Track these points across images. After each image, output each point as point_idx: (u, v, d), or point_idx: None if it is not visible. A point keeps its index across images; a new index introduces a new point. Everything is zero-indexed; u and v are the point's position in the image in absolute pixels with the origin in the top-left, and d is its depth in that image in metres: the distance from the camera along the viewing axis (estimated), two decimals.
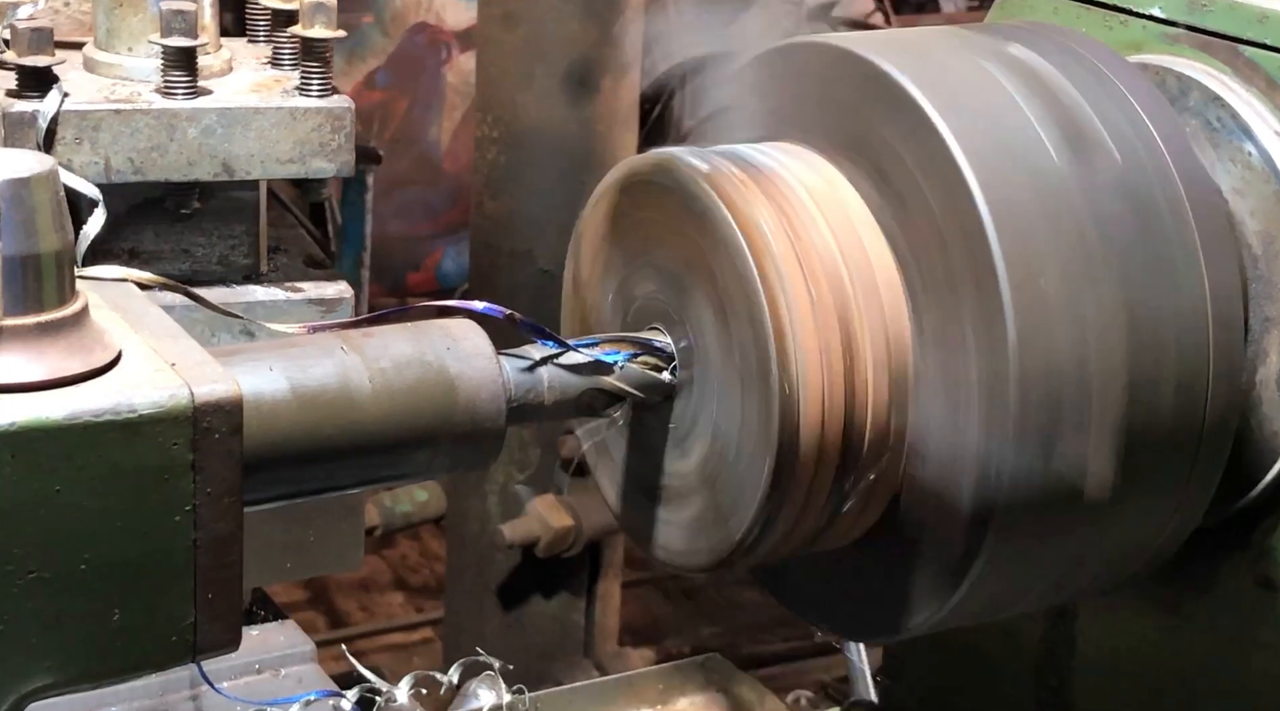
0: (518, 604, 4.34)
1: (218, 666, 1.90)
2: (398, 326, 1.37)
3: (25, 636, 1.19)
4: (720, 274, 1.45)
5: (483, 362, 1.36)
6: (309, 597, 6.04)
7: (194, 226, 1.83)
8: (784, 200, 1.47)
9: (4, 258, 1.17)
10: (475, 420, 1.35)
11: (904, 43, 1.58)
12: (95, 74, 1.81)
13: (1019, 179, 1.43)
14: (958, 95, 1.48)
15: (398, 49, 8.01)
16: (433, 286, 7.38)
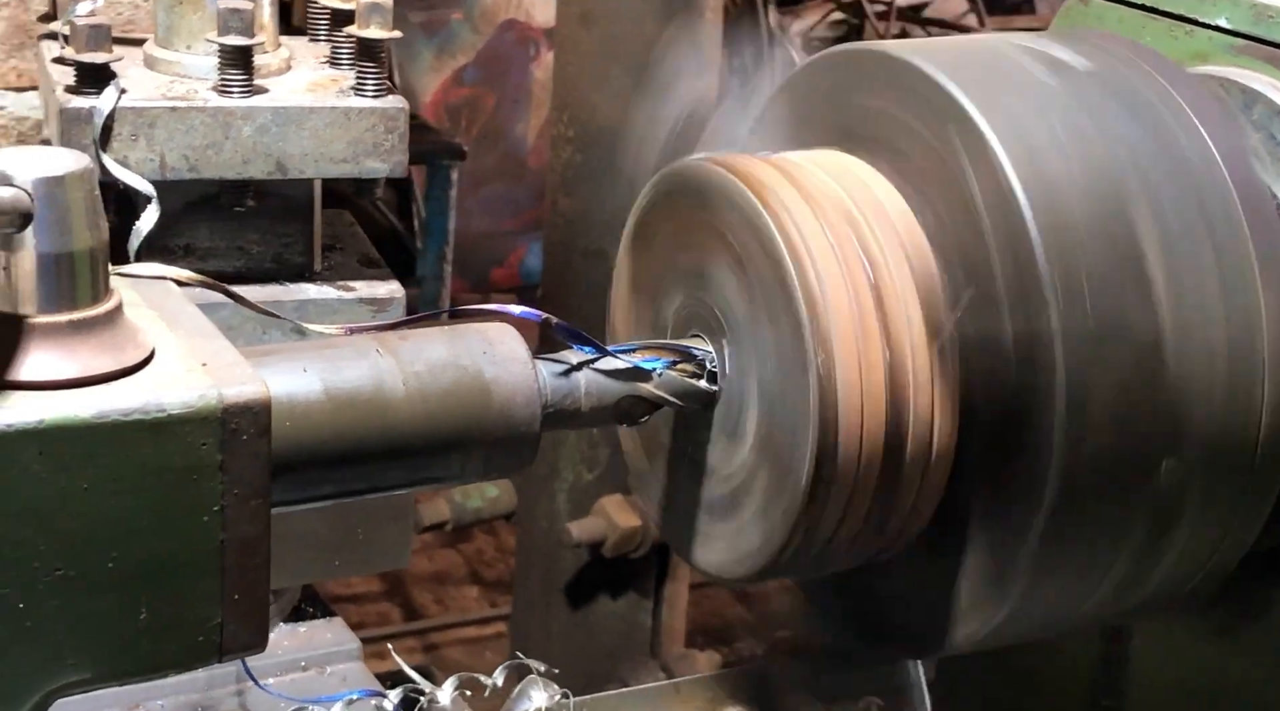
0: (584, 603, 4.34)
1: (264, 662, 1.91)
2: (434, 330, 1.37)
3: (51, 633, 1.20)
4: (753, 271, 1.44)
5: (518, 367, 1.35)
6: (385, 589, 6.09)
7: (248, 224, 1.84)
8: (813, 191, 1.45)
9: (38, 255, 1.18)
10: (510, 425, 1.35)
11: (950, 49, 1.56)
12: (154, 71, 1.82)
13: (1066, 192, 1.40)
14: (1005, 103, 1.45)
15: (487, 45, 8.04)
16: (515, 282, 7.40)
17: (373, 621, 5.91)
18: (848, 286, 1.41)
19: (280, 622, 2.00)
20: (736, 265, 1.47)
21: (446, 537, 5.96)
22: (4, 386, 1.17)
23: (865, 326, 1.41)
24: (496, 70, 7.83)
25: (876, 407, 1.42)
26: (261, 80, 1.79)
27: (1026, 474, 1.41)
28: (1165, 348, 1.41)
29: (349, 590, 5.96)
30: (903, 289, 1.44)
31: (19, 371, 1.18)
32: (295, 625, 1.99)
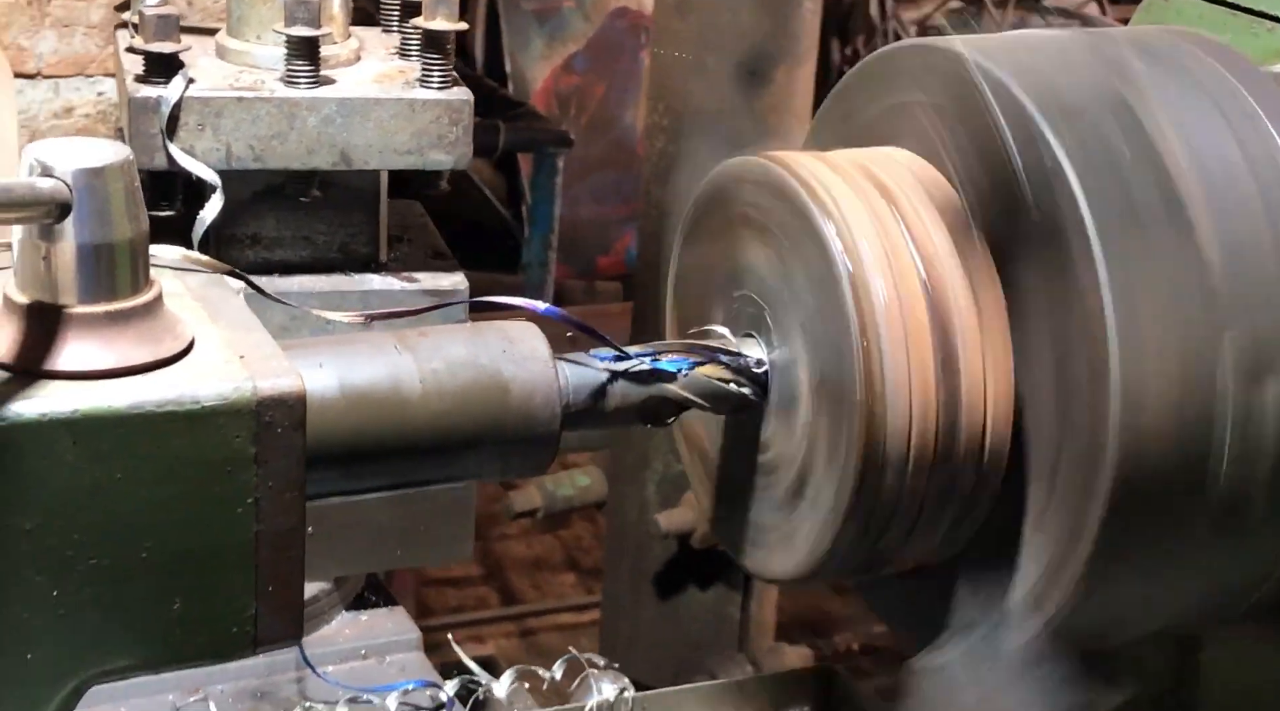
0: (673, 593, 4.33)
1: (324, 650, 1.93)
2: (455, 327, 1.36)
3: (86, 621, 1.21)
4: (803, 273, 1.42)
5: (538, 366, 1.34)
6: (484, 574, 6.12)
7: (315, 214, 1.85)
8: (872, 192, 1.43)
9: (77, 246, 1.19)
10: (528, 424, 1.33)
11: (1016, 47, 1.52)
12: (225, 61, 1.83)
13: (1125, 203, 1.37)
14: (1068, 104, 1.42)
15: (597, 33, 8.04)
16: (621, 270, 7.40)
17: (471, 605, 5.95)
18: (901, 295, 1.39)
19: (342, 610, 2.01)
20: (775, 251, 1.45)
21: (545, 524, 5.98)
22: (41, 376, 1.18)
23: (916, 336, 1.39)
24: (606, 58, 7.82)
25: (927, 397, 1.39)
26: (329, 71, 1.80)
27: (1082, 470, 1.38)
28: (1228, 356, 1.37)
29: (448, 573, 6.00)
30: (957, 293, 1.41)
31: (56, 361, 1.19)
32: (357, 613, 2.00)
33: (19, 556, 1.17)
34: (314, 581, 1.96)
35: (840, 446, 1.41)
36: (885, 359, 1.38)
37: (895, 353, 1.38)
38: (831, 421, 1.42)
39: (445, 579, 5.95)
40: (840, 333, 1.40)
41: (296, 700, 1.83)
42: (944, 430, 1.40)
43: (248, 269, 1.84)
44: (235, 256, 1.84)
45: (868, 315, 1.38)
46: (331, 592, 1.98)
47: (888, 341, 1.38)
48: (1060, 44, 1.53)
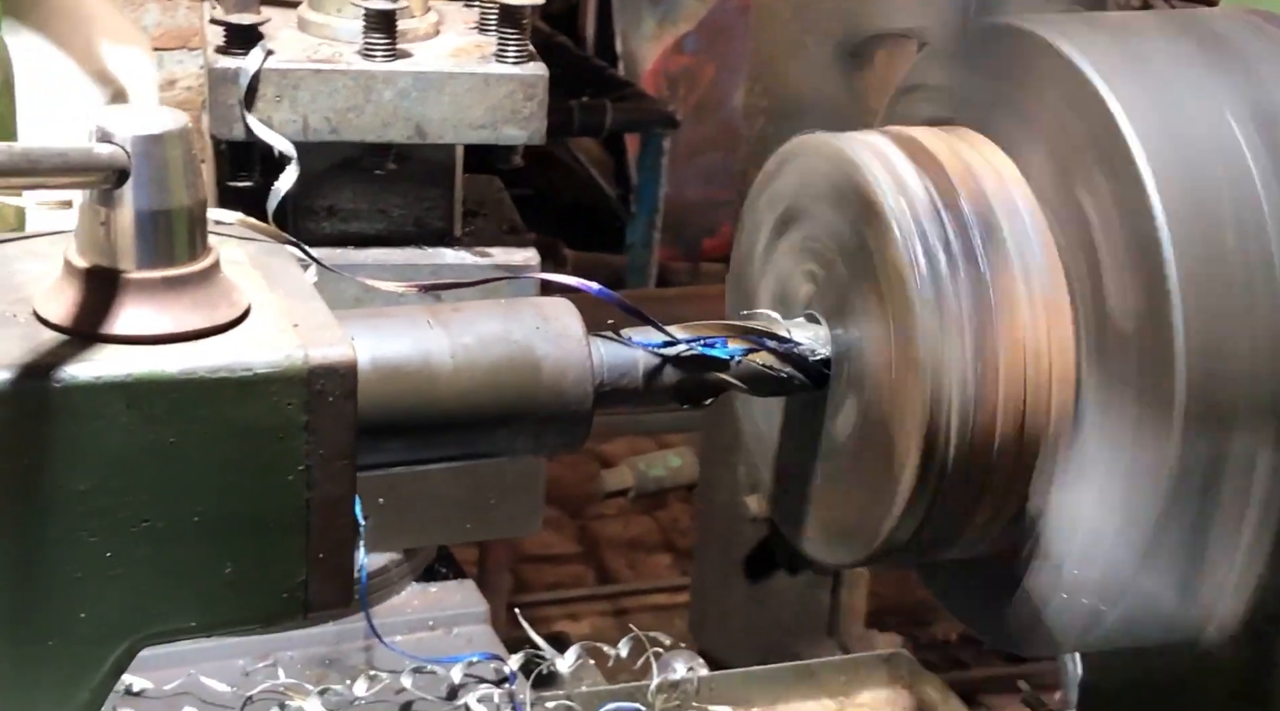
0: (763, 577, 4.32)
1: (392, 620, 1.95)
2: (490, 302, 1.35)
3: (138, 583, 1.22)
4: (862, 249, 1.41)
5: (571, 344, 1.33)
6: (581, 552, 6.15)
7: (390, 187, 1.86)
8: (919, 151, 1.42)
9: (135, 212, 1.20)
10: (560, 402, 1.33)
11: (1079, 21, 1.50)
12: (305, 33, 1.85)
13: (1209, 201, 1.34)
14: (1152, 95, 1.39)
15: (709, 14, 8.01)
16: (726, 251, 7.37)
17: (568, 582, 5.97)
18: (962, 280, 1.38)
19: (412, 581, 2.03)
20: (837, 225, 1.44)
21: (642, 504, 5.99)
22: (97, 339, 1.20)
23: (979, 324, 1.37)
24: (717, 39, 7.79)
25: (988, 381, 1.38)
26: (407, 44, 1.81)
27: (1141, 460, 1.36)
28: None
29: (546, 550, 6.03)
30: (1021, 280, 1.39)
31: (113, 325, 1.20)
32: (427, 585, 2.02)
33: (73, 517, 1.19)
34: (384, 552, 1.97)
35: (900, 430, 1.40)
36: (946, 340, 1.36)
37: (956, 333, 1.36)
38: (891, 405, 1.41)
39: (543, 556, 5.98)
40: (900, 312, 1.38)
41: (363, 668, 1.84)
42: (1006, 414, 1.39)
43: (324, 240, 1.87)
44: (312, 227, 1.86)
45: (928, 294, 1.36)
46: (402, 563, 1.99)
47: (950, 321, 1.36)
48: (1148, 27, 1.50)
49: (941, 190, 1.42)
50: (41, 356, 1.17)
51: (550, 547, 6.13)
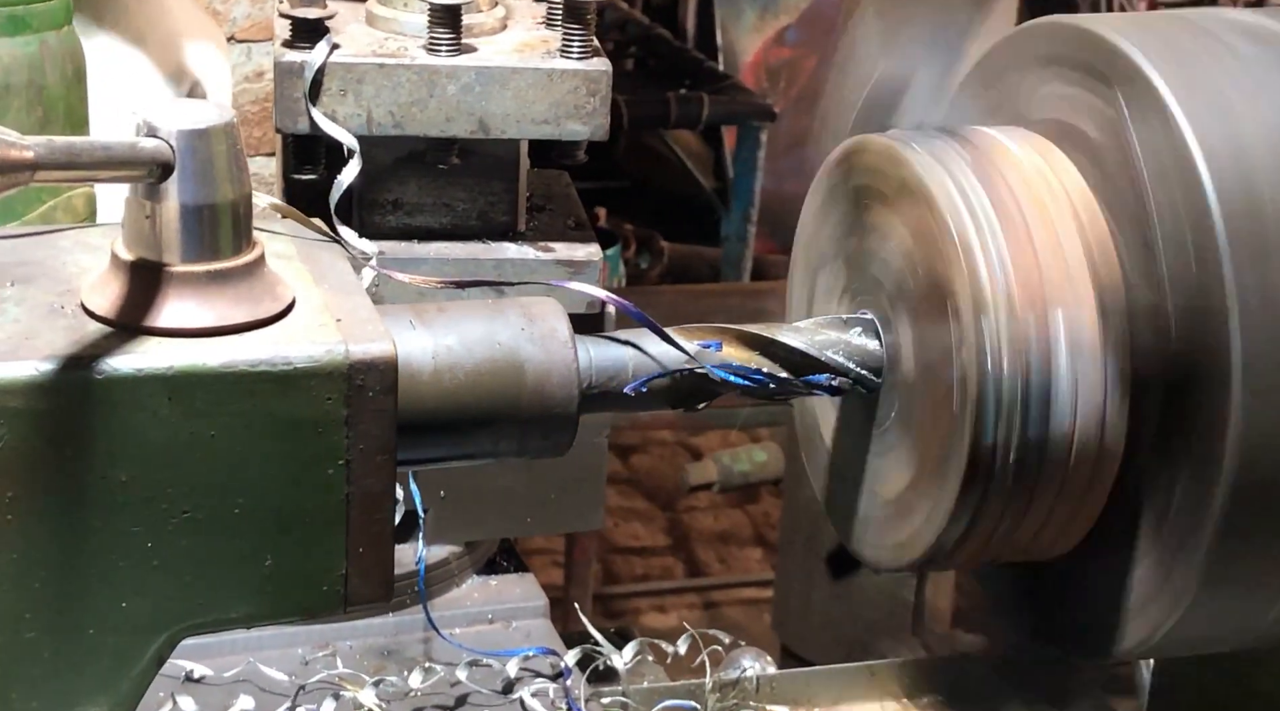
0: (847, 573, 4.29)
1: (452, 612, 1.95)
2: (477, 303, 1.34)
3: (179, 573, 1.24)
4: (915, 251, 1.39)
5: (556, 346, 1.32)
6: (670, 544, 6.15)
7: (455, 181, 1.86)
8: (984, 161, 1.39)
9: (180, 206, 1.21)
10: (544, 405, 1.31)
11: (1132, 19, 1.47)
12: (373, 27, 1.85)
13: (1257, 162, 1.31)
14: (1189, 70, 1.36)
15: (810, 6, 7.97)
16: None
17: (657, 574, 5.98)
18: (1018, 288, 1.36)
19: (473, 574, 2.03)
20: (907, 251, 1.42)
21: (733, 498, 5.98)
22: (140, 332, 1.21)
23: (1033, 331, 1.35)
24: (818, 31, 7.75)
25: (1037, 416, 1.36)
26: (473, 39, 1.81)
27: (1198, 472, 1.33)
28: None
29: (636, 542, 6.04)
30: (1073, 265, 1.37)
31: (156, 318, 1.22)
32: (487, 578, 2.02)
33: (115, 507, 1.20)
34: (444, 544, 1.98)
35: (950, 436, 1.38)
36: (1001, 343, 1.34)
37: (1007, 338, 1.35)
38: (942, 408, 1.39)
39: (632, 548, 5.99)
40: (950, 315, 1.37)
41: (420, 660, 1.85)
42: (1056, 420, 1.37)
43: (389, 233, 1.88)
44: (377, 221, 1.87)
45: (979, 296, 1.35)
46: (463, 556, 2.00)
47: (1001, 325, 1.34)
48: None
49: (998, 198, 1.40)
50: (85, 348, 1.19)
51: (640, 539, 6.14)
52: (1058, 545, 1.45)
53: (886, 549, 1.50)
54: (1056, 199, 1.39)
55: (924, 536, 1.44)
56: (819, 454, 1.59)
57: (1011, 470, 1.37)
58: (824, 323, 1.47)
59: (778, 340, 1.41)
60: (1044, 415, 1.36)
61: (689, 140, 7.47)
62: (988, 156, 1.41)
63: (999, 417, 1.35)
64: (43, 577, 1.20)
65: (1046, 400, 1.36)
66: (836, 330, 1.46)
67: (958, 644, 4.51)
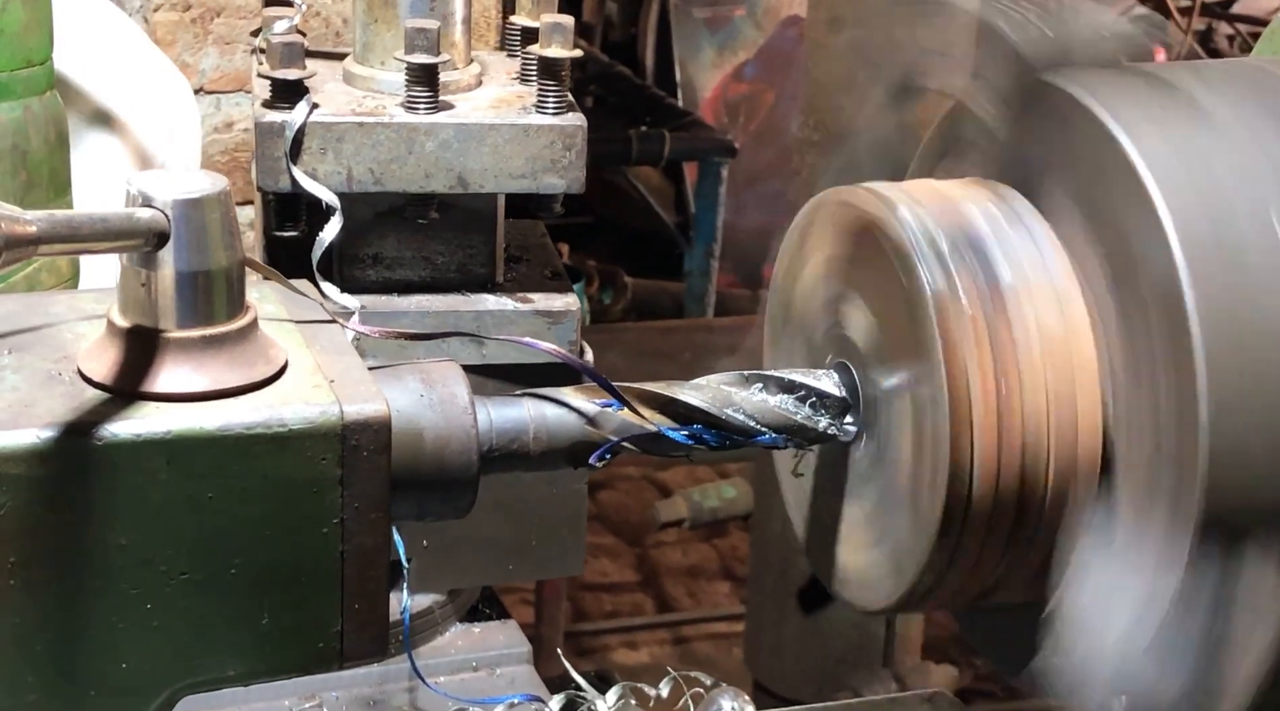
0: (818, 608, 4.33)
1: (436, 661, 1.97)
2: (378, 370, 1.35)
3: (177, 634, 1.26)
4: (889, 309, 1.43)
5: (455, 410, 1.34)
6: (639, 580, 6.17)
7: (434, 235, 1.89)
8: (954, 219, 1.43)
9: (175, 273, 1.24)
10: (442, 469, 1.33)
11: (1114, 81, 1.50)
12: (351, 86, 1.88)
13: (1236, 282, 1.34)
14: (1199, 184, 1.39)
15: (768, 42, 8.05)
16: None
17: (626, 611, 5.99)
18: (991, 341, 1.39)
19: (456, 622, 2.05)
20: (881, 305, 1.46)
21: (702, 533, 6.02)
22: (138, 397, 1.23)
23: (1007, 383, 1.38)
24: (776, 66, 7.83)
25: (1013, 463, 1.39)
26: (449, 96, 1.84)
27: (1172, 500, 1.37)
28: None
29: (605, 579, 6.05)
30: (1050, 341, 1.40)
31: (153, 383, 1.24)
32: (470, 625, 2.05)
33: (114, 570, 1.23)
34: (428, 593, 2.00)
35: (925, 478, 1.41)
36: (971, 389, 1.38)
37: (981, 383, 1.38)
38: (917, 451, 1.43)
39: (601, 584, 6.00)
40: (924, 360, 1.40)
41: (407, 709, 1.87)
42: (1031, 461, 1.40)
43: (369, 287, 1.91)
44: (358, 275, 1.90)
45: (953, 342, 1.38)
46: (445, 605, 2.02)
47: (973, 373, 1.37)
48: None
49: (970, 243, 1.43)
50: (84, 415, 1.21)
51: (608, 575, 6.16)
52: (1035, 589, 1.48)
53: (869, 593, 1.53)
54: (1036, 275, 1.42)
55: (902, 580, 1.47)
56: (798, 499, 1.62)
57: (987, 518, 1.40)
58: (728, 380, 1.49)
59: (678, 399, 1.43)
60: (1020, 458, 1.39)
61: (650, 176, 7.53)
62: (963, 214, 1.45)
63: (974, 466, 1.38)
64: (44, 640, 1.22)
65: (1022, 441, 1.39)
66: (739, 386, 1.48)
67: (929, 675, 4.55)
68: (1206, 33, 8.60)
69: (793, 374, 1.50)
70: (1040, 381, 1.39)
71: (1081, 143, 1.41)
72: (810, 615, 4.36)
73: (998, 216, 1.47)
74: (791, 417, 1.49)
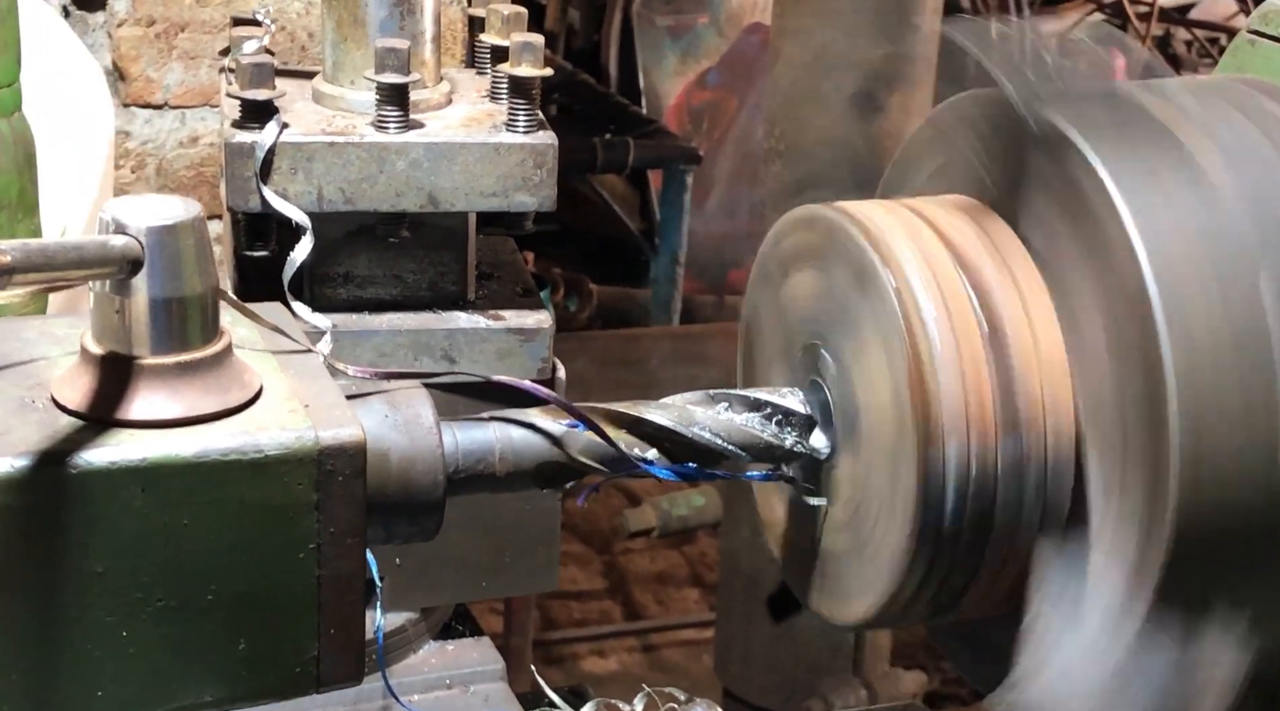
0: (787, 616, 4.34)
1: (410, 679, 1.97)
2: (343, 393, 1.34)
3: (154, 661, 1.26)
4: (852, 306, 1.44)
5: (420, 433, 1.34)
6: (607, 587, 6.18)
7: (405, 253, 1.89)
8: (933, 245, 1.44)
9: (149, 300, 1.24)
10: (408, 492, 1.34)
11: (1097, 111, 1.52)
12: (320, 105, 1.88)
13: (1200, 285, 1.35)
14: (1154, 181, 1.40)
15: (731, 49, 8.07)
16: None
17: (595, 619, 6.00)
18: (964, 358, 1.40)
19: (429, 640, 2.05)
20: (854, 323, 1.47)
21: (670, 540, 6.03)
22: (112, 424, 1.23)
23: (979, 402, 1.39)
24: (739, 74, 7.85)
25: (985, 481, 1.40)
26: (420, 114, 1.84)
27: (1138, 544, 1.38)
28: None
29: (574, 586, 6.06)
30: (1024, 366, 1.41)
31: (128, 411, 1.24)
32: (444, 643, 2.05)
33: (90, 598, 1.23)
34: (401, 611, 2.00)
35: (897, 490, 1.42)
36: (941, 394, 1.38)
37: (950, 387, 1.39)
38: (887, 464, 1.43)
39: (570, 593, 6.00)
40: (894, 370, 1.41)
41: None
42: (1006, 467, 1.41)
43: (340, 306, 1.91)
44: (329, 294, 1.89)
45: (922, 348, 1.39)
46: (419, 622, 2.02)
47: (943, 375, 1.38)
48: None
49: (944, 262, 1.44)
50: (59, 443, 1.21)
51: (577, 583, 6.17)
52: (1009, 603, 1.50)
53: (845, 608, 1.54)
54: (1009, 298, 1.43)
55: (879, 594, 1.48)
56: (774, 517, 1.63)
57: (963, 520, 1.42)
58: (693, 399, 1.49)
59: (645, 418, 1.44)
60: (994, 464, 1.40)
61: (614, 183, 7.54)
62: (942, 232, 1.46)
63: (949, 472, 1.39)
64: (20, 669, 1.22)
65: (996, 446, 1.40)
66: (705, 405, 1.48)
67: (899, 681, 4.57)
68: (1165, 38, 8.68)
69: (758, 392, 1.51)
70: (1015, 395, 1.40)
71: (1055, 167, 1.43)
72: (780, 622, 4.37)
73: (972, 236, 1.48)
74: (758, 435, 1.50)
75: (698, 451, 1.45)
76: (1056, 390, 1.41)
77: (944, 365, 1.39)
